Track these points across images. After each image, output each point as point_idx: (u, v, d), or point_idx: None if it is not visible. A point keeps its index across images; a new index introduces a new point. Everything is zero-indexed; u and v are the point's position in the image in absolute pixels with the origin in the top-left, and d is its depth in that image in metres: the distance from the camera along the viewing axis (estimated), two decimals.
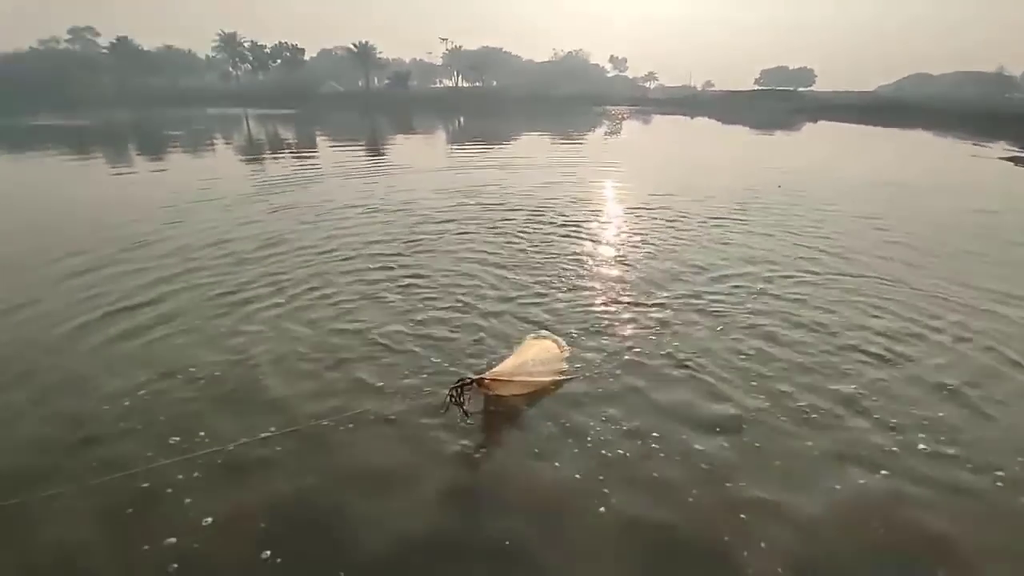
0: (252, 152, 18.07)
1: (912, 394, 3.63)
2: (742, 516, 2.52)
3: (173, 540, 2.34)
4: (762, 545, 2.37)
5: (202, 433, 3.05)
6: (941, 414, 3.38)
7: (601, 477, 2.75)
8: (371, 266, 6.07)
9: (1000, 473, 2.86)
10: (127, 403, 3.38)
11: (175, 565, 2.23)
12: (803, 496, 2.67)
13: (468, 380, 3.05)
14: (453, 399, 2.98)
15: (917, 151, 22.08)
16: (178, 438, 3.01)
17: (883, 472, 2.84)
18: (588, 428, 3.15)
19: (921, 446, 3.06)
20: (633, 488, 2.69)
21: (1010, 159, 17.28)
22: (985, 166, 16.96)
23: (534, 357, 3.88)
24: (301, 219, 8.23)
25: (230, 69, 74.23)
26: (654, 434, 3.08)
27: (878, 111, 44.56)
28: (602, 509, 2.55)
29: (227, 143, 20.75)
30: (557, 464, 2.86)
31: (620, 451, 2.98)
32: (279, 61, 74.25)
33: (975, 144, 23.49)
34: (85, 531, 2.45)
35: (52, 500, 2.60)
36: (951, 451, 3.03)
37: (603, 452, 2.95)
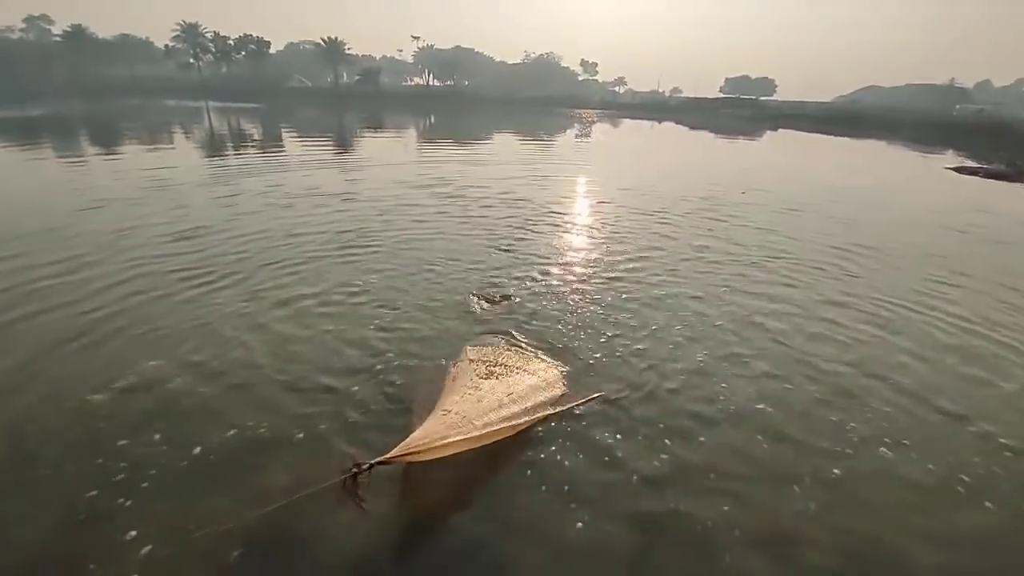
0: (211, 145, 17.52)
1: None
2: None
3: None
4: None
5: None
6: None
7: None
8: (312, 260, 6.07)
9: None
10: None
11: None
12: None
13: (364, 465, 2.38)
14: (349, 489, 2.37)
15: (870, 160, 23.22)
16: None
17: None
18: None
19: None
20: None
21: (955, 168, 18.47)
22: (932, 175, 18.07)
23: (484, 399, 3.17)
24: (247, 209, 8.19)
25: (191, 60, 71.48)
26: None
27: (835, 121, 46.56)
28: None
29: (186, 135, 20.05)
30: None
31: None
32: (243, 53, 71.98)
33: (924, 155, 24.96)
34: None
35: None
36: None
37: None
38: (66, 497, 2.65)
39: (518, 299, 5.13)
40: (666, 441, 3.24)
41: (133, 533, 2.44)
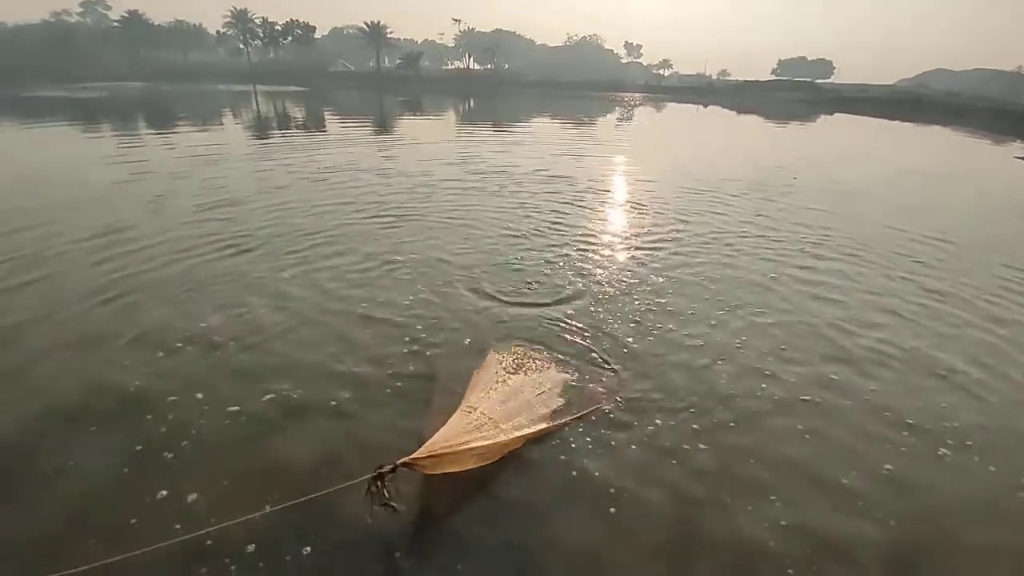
0: (261, 126, 17.95)
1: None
2: None
3: None
4: None
5: None
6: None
7: None
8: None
9: None
10: None
11: None
12: None
13: (390, 467, 2.25)
14: (374, 495, 2.20)
15: (935, 147, 21.62)
16: None
17: None
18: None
19: None
20: None
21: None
22: (1001, 163, 16.72)
23: (509, 399, 3.03)
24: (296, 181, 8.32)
25: (240, 46, 73.55)
26: None
27: (896, 105, 43.60)
28: None
29: (235, 117, 20.62)
30: None
31: None
32: (290, 39, 73.52)
33: (992, 143, 23.07)
34: None
35: None
36: None
37: None
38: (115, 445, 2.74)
39: (553, 289, 4.96)
40: (708, 444, 3.02)
41: (165, 492, 2.47)
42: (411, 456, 2.34)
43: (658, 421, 3.14)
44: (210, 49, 76.59)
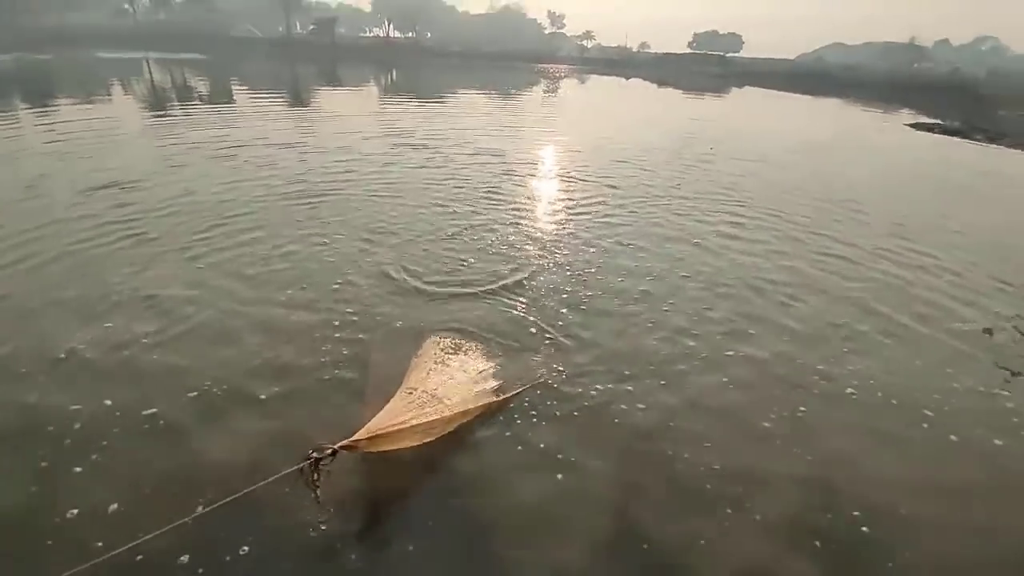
0: (156, 100, 16.19)
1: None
2: None
3: None
4: None
5: None
6: None
7: None
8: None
9: None
10: None
11: None
12: None
13: (330, 451, 2.12)
14: (308, 478, 2.09)
15: (833, 117, 23.55)
16: None
17: None
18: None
19: None
20: None
21: (912, 125, 19.10)
22: (891, 130, 18.58)
23: (451, 378, 3.01)
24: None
25: (125, 6, 65.39)
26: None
27: (801, 79, 46.82)
28: None
29: (126, 91, 18.44)
30: None
31: None
32: None
33: (884, 112, 25.53)
34: None
35: None
36: None
37: None
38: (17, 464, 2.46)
39: (488, 265, 4.94)
40: (645, 404, 3.18)
41: (77, 510, 2.24)
42: (351, 439, 2.21)
43: (598, 387, 3.25)
44: (91, 8, 67.36)
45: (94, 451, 2.55)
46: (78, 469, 2.45)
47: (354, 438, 2.22)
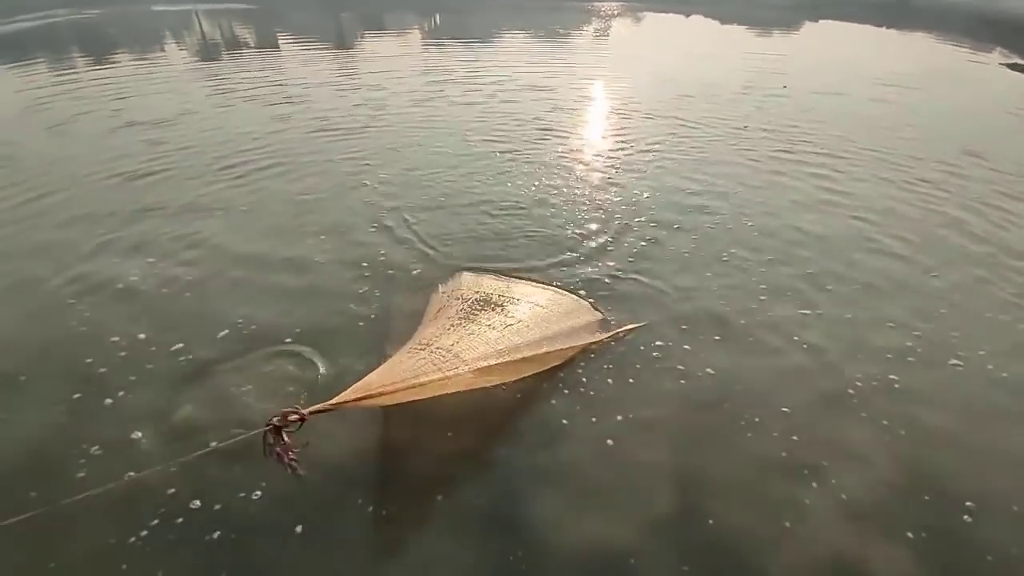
0: (204, 54, 16.26)
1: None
2: None
3: None
4: None
5: None
6: None
7: None
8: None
9: None
10: None
11: None
12: None
13: (292, 417, 1.82)
14: (271, 447, 1.81)
15: (921, 53, 20.96)
16: None
17: None
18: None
19: None
20: None
21: (1008, 65, 16.84)
22: (985, 68, 16.41)
23: (464, 335, 2.54)
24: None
25: None
26: None
27: (880, 10, 41.78)
28: None
29: (176, 41, 18.63)
30: None
31: None
32: None
33: (974, 50, 22.49)
34: None
35: None
36: None
37: None
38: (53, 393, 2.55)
39: (537, 204, 4.61)
40: (713, 368, 2.85)
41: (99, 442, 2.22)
42: (329, 403, 1.87)
43: (658, 343, 2.95)
44: None
45: (124, 385, 2.55)
46: (108, 401, 2.49)
47: (332, 402, 1.89)
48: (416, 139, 6.20)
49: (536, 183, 5.10)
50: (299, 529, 2.01)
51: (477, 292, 3.06)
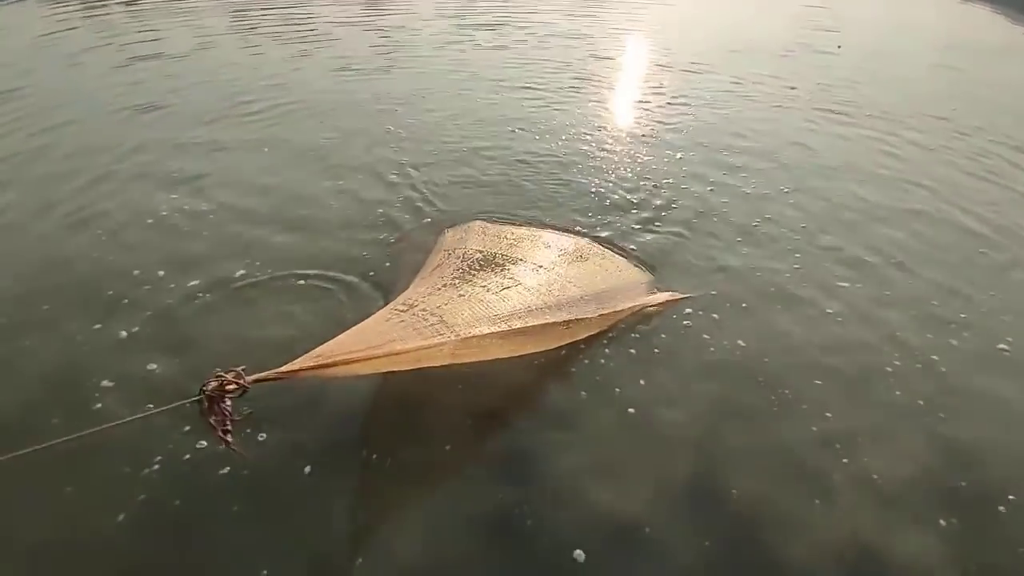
0: None
1: None
2: None
3: None
4: None
5: None
6: None
7: None
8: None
9: None
10: None
11: None
12: None
13: (230, 387, 1.50)
14: (208, 418, 1.50)
15: (986, 27, 19.30)
16: None
17: None
18: None
19: None
20: None
21: None
22: None
23: (453, 297, 2.14)
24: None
25: None
26: None
27: None
28: None
29: None
30: None
31: None
32: None
33: None
34: None
35: None
36: None
37: None
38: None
39: (571, 152, 4.38)
40: (759, 349, 2.68)
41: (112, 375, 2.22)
42: (279, 368, 1.57)
43: (688, 311, 2.80)
44: None
45: (140, 319, 2.56)
46: (123, 334, 2.47)
47: (284, 368, 1.59)
48: (443, 84, 5.93)
49: (568, 134, 4.85)
50: (307, 470, 1.99)
51: (484, 246, 2.73)
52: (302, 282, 2.84)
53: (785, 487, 2.03)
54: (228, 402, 1.49)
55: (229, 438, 1.49)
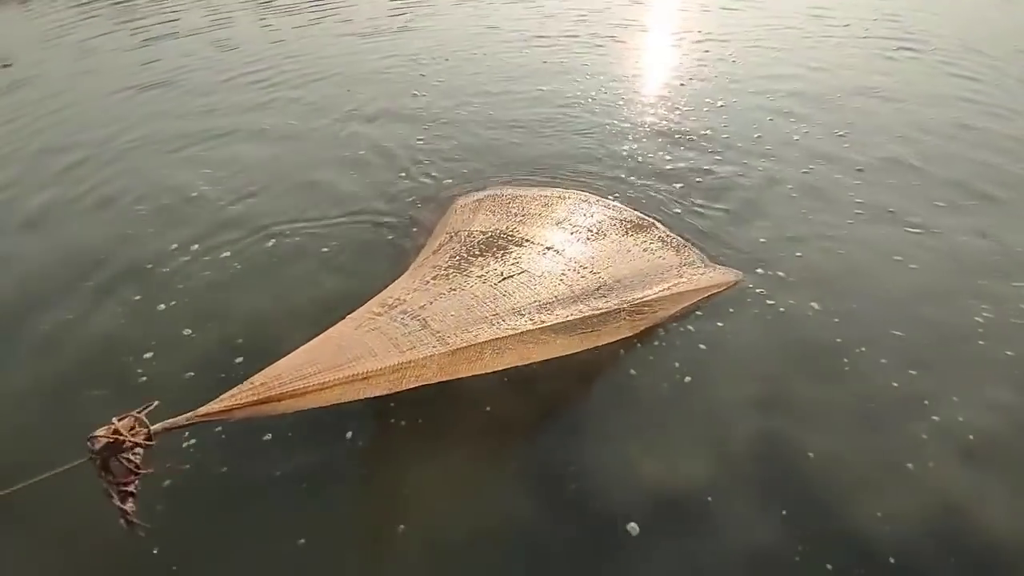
0: None
1: None
2: None
3: None
4: None
5: None
6: None
7: None
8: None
9: None
10: None
11: None
12: None
13: (126, 443, 1.10)
14: (106, 479, 1.12)
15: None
16: None
17: None
18: None
19: None
20: None
21: None
22: None
23: (444, 293, 1.72)
24: None
25: None
26: None
27: None
28: None
29: None
30: None
31: None
32: None
33: None
34: None
35: None
36: None
37: None
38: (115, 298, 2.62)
39: (597, 123, 4.10)
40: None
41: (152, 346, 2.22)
42: (198, 410, 1.18)
43: (748, 284, 2.56)
44: None
45: (176, 292, 2.59)
46: (161, 306, 2.46)
47: (206, 409, 1.19)
48: (470, 45, 5.69)
49: (602, 98, 4.54)
50: (349, 435, 1.92)
51: (490, 223, 2.29)
52: (327, 256, 2.78)
53: (865, 449, 1.82)
54: (130, 457, 1.10)
55: (128, 505, 1.10)
